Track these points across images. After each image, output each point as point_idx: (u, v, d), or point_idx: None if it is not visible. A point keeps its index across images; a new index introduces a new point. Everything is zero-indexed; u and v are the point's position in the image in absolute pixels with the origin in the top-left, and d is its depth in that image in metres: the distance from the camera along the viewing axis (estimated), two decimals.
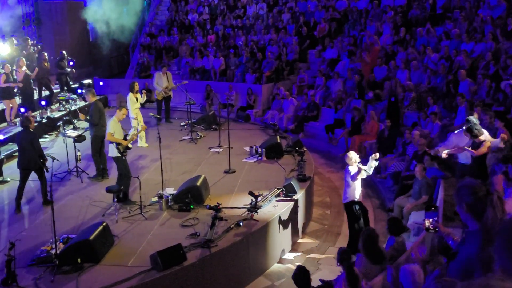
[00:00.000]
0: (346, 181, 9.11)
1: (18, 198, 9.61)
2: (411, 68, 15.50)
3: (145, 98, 13.91)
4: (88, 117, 11.17)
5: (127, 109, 10.15)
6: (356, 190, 9.14)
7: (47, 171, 9.72)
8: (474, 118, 9.23)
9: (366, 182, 9.80)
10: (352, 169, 8.91)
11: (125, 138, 9.87)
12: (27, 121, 9.90)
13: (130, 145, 10.00)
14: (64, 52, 18.06)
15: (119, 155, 9.68)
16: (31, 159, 9.57)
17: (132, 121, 12.81)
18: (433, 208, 4.47)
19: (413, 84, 14.75)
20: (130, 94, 13.22)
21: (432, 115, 12.73)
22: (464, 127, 9.05)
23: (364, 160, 9.93)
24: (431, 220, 4.39)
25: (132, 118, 12.88)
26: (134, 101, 13.12)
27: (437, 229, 4.38)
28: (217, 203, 8.80)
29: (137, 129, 11.01)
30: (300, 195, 9.76)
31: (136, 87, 13.39)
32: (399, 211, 10.08)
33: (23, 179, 9.70)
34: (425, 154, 10.62)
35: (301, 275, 6.24)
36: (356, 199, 9.17)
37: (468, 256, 3.64)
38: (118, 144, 9.66)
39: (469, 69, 14.01)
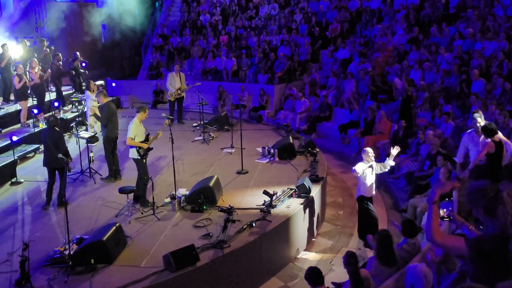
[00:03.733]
0: (358, 176, 9.25)
1: (49, 194, 9.73)
2: (424, 68, 15.40)
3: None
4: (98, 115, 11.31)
5: (147, 110, 10.03)
6: (368, 187, 9.29)
7: (69, 171, 9.74)
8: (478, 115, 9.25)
9: (379, 182, 9.75)
10: (362, 165, 9.11)
11: (147, 139, 9.78)
12: (54, 120, 9.98)
13: (151, 146, 9.92)
14: (77, 53, 18.15)
15: (139, 157, 9.64)
16: (55, 158, 9.52)
17: (89, 118, 13.55)
18: (447, 199, 4.45)
19: (426, 84, 14.66)
20: (88, 92, 13.49)
21: (445, 115, 12.64)
22: (475, 125, 9.03)
23: (377, 160, 9.88)
24: (445, 210, 4.39)
25: (89, 115, 13.48)
26: (93, 99, 13.07)
27: (451, 218, 4.38)
28: (229, 205, 8.79)
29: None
30: (312, 196, 9.73)
31: (92, 85, 13.52)
32: (413, 211, 10.01)
33: (50, 177, 9.78)
34: (438, 154, 10.53)
35: (314, 273, 6.21)
36: (366, 196, 9.36)
37: None
38: (139, 147, 9.60)
39: (483, 68, 13.91)
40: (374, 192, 9.55)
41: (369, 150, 9.37)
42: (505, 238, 3.57)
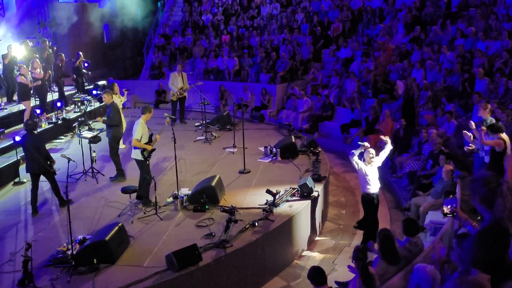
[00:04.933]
0: (358, 171, 9.08)
1: (33, 201, 9.57)
2: (427, 67, 15.39)
3: (126, 99, 13.97)
4: (105, 119, 11.24)
5: (152, 111, 9.97)
6: (370, 183, 9.03)
7: (55, 174, 9.69)
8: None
9: (381, 181, 9.69)
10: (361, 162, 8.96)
11: (150, 139, 9.71)
12: (32, 124, 9.83)
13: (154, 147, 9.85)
14: (80, 53, 18.18)
15: (143, 159, 9.58)
16: (38, 163, 9.43)
17: None
18: (451, 196, 4.51)
19: (428, 83, 14.63)
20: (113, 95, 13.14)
21: (447, 114, 12.63)
22: (483, 127, 8.98)
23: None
24: (449, 206, 4.43)
25: None
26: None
27: (454, 214, 4.42)
28: (231, 205, 8.79)
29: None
30: (315, 195, 9.71)
31: (116, 87, 13.39)
32: (416, 210, 9.99)
33: (34, 183, 9.62)
34: (440, 153, 10.52)
35: (317, 273, 6.20)
36: (370, 192, 9.08)
37: None
38: (143, 149, 9.55)
39: (485, 67, 13.89)
40: (378, 188, 9.25)
41: (370, 150, 9.15)
42: (500, 230, 3.58)
